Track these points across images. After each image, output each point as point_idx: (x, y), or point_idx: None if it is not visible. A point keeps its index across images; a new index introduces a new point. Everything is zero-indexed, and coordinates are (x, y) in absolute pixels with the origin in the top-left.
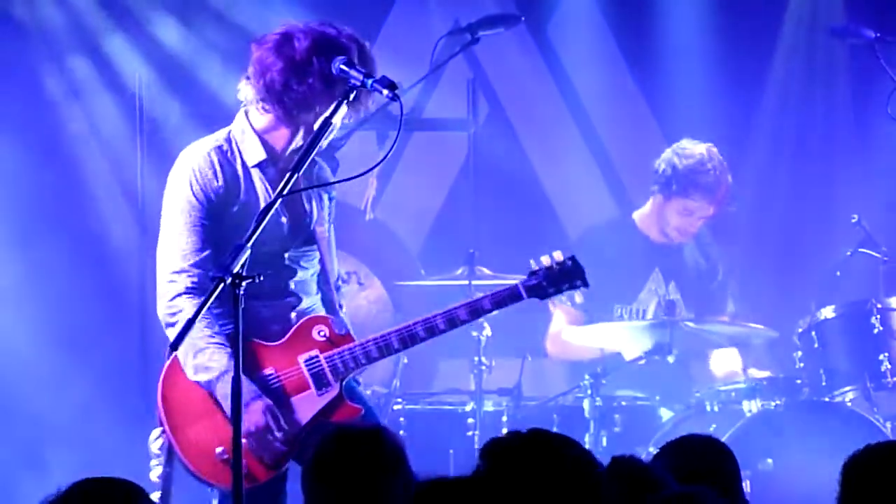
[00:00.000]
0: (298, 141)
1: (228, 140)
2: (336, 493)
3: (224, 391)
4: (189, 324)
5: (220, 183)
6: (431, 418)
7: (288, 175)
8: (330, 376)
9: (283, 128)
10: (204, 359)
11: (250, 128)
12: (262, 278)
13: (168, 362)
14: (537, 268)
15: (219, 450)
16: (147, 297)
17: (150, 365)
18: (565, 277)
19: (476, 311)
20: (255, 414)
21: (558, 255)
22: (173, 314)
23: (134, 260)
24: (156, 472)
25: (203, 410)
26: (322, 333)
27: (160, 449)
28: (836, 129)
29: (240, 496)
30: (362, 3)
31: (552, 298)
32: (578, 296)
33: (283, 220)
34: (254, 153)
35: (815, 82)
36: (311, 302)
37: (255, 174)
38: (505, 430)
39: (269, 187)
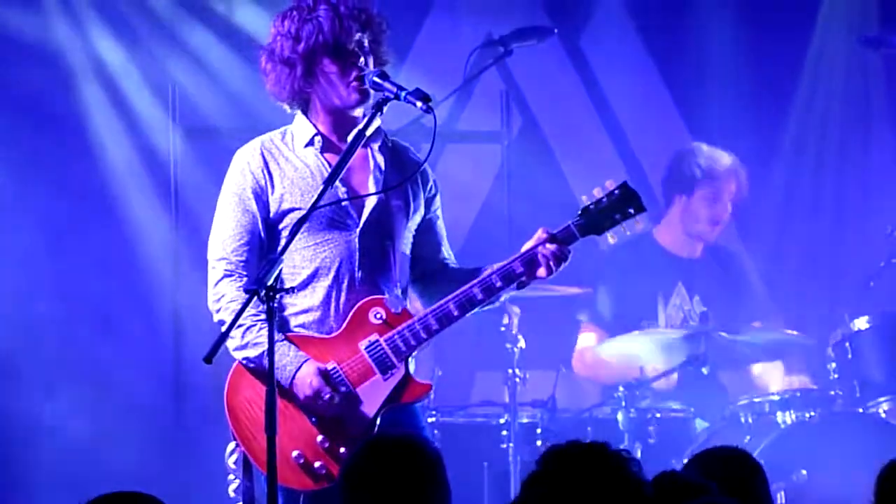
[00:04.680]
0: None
1: (283, 133)
2: (371, 501)
3: (276, 362)
4: (223, 337)
5: (266, 173)
6: (466, 431)
7: (322, 188)
8: (393, 358)
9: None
10: (251, 336)
11: (302, 114)
12: (295, 291)
13: (230, 374)
14: (589, 203)
15: (295, 453)
16: (180, 306)
17: (182, 375)
18: (616, 207)
19: (531, 261)
20: (306, 378)
21: (609, 184)
22: (217, 300)
23: (168, 268)
24: (233, 487)
25: None
26: (378, 316)
27: (235, 463)
28: (871, 139)
29: (274, 498)
30: (395, 16)
31: (609, 232)
32: (606, 309)
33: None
34: (304, 135)
35: (848, 92)
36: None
37: (310, 154)
38: (539, 443)
39: (324, 162)
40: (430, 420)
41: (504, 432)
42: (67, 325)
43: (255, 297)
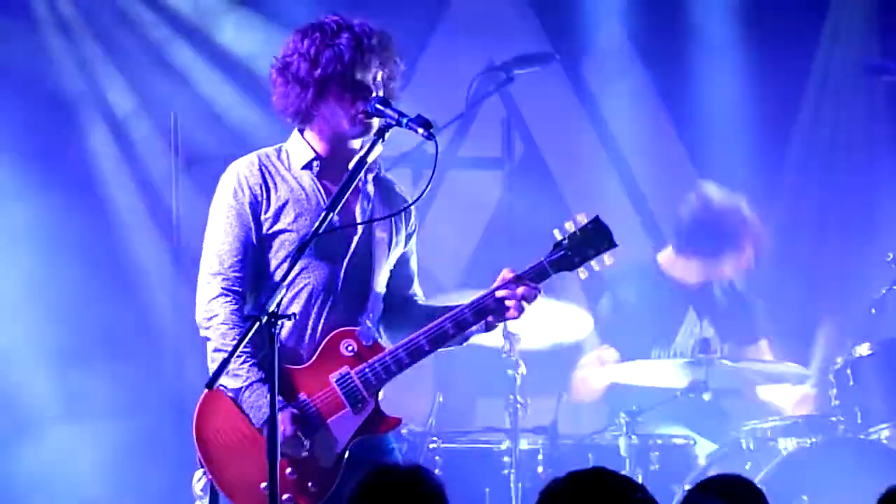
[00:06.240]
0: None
1: (279, 150)
2: None
3: (251, 402)
4: (224, 363)
5: (263, 189)
6: (467, 457)
7: (324, 213)
8: (364, 392)
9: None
10: (233, 366)
11: (299, 133)
12: (296, 317)
13: (200, 401)
14: (561, 237)
15: (263, 485)
16: (182, 331)
17: (186, 399)
18: (588, 244)
19: (504, 298)
20: (280, 426)
21: (581, 219)
22: (209, 318)
23: (168, 292)
24: None
25: (242, 446)
26: (350, 348)
27: (202, 490)
28: (873, 166)
29: None
30: (396, 42)
31: (580, 268)
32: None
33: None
34: (301, 156)
35: (851, 120)
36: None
37: (306, 176)
38: (540, 469)
39: (320, 187)
40: (431, 446)
41: (505, 458)
42: (69, 344)
43: (257, 324)
